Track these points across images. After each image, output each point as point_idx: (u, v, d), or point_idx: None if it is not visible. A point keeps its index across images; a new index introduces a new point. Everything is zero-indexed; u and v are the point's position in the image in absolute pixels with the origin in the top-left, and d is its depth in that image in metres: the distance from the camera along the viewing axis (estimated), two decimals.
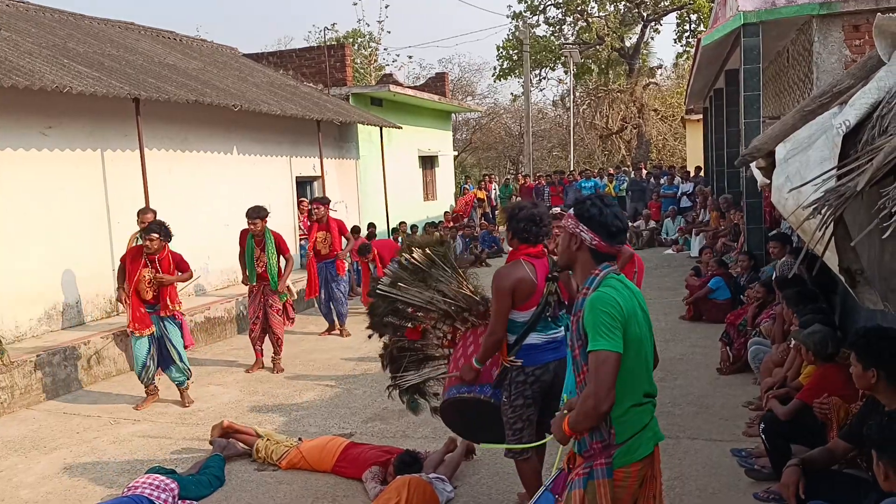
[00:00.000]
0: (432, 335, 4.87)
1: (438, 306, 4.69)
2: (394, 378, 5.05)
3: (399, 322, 4.86)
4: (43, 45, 10.10)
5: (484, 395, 4.26)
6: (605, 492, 2.78)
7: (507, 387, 4.12)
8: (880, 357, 3.55)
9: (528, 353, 4.08)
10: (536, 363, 4.08)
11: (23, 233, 8.50)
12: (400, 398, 5.15)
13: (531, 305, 4.04)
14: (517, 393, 4.08)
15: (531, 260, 4.09)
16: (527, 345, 4.07)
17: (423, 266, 4.78)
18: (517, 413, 4.11)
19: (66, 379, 7.85)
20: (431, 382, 4.99)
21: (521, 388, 4.08)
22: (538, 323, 4.06)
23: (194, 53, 15.49)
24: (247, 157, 12.75)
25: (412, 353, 4.93)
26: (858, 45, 8.00)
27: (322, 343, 9.72)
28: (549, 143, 38.89)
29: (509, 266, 4.10)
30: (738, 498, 4.66)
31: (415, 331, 4.85)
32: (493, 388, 4.21)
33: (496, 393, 4.20)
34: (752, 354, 6.78)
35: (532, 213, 4.13)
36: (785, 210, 3.26)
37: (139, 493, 4.65)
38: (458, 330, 4.67)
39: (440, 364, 4.88)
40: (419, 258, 4.79)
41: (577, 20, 35.27)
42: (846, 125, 2.49)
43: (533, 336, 4.07)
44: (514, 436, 4.13)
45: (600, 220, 2.84)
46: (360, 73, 31.33)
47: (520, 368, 4.07)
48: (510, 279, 4.00)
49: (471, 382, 4.27)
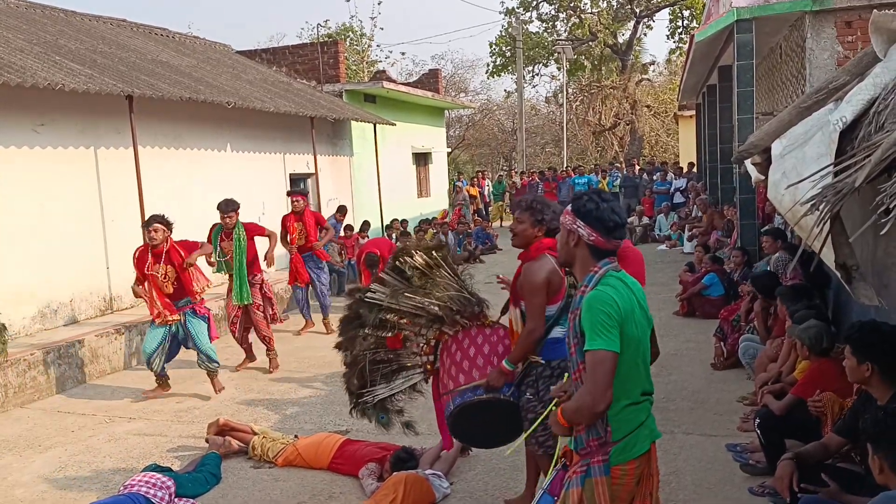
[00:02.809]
0: (413, 343, 4.66)
1: (430, 311, 4.50)
2: (359, 395, 4.73)
3: (380, 333, 4.59)
4: (34, 42, 10.04)
5: (503, 395, 4.17)
6: (602, 489, 2.79)
7: (534, 383, 4.07)
8: (875, 351, 3.56)
9: (553, 347, 4.03)
10: (562, 356, 3.97)
11: (15, 231, 8.46)
12: (367, 417, 4.85)
13: (558, 299, 4.00)
14: (545, 388, 4.01)
15: (553, 253, 3.97)
16: (551, 339, 4.03)
17: (425, 270, 4.56)
18: (547, 409, 4.05)
19: (60, 377, 7.82)
20: (400, 395, 4.73)
21: (548, 381, 4.00)
22: (562, 316, 3.99)
23: (187, 50, 15.44)
24: (240, 155, 12.71)
25: (385, 365, 4.66)
26: (851, 42, 8.02)
27: (315, 340, 9.69)
28: (542, 140, 38.90)
29: (539, 260, 4.00)
30: (733, 492, 4.68)
31: (395, 339, 4.62)
32: (511, 387, 4.14)
33: (515, 392, 4.15)
34: (743, 350, 6.80)
35: (554, 206, 4.10)
36: (781, 206, 3.27)
37: (136, 492, 4.63)
38: (444, 334, 4.51)
39: (413, 374, 4.65)
40: (421, 262, 4.55)
41: (570, 16, 35.30)
42: (843, 121, 2.50)
43: (557, 330, 4.02)
44: (544, 431, 3.97)
45: (597, 216, 2.81)
46: (353, 69, 31.25)
47: (545, 363, 4.04)
48: (543, 273, 3.93)
49: (463, 389, 4.15)
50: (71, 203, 9.21)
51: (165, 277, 7.05)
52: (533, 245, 4.08)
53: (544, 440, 4.10)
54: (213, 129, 11.96)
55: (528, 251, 4.10)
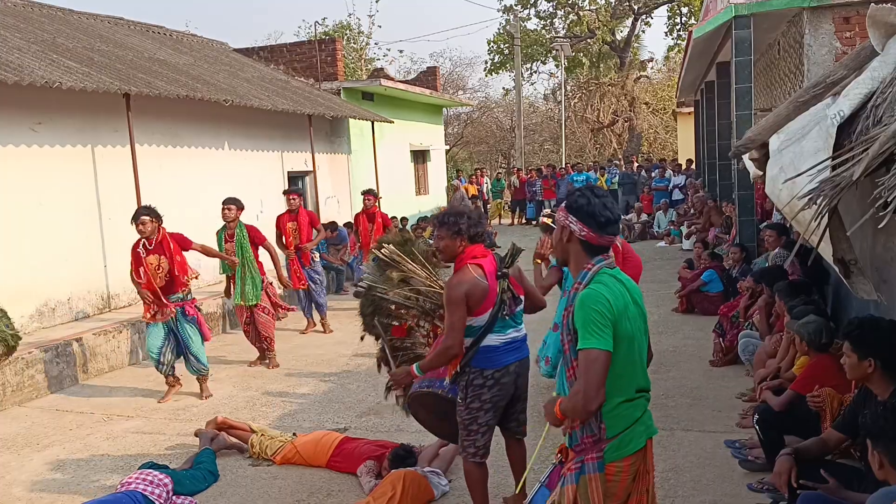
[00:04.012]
0: (417, 332, 4.81)
1: (417, 304, 4.62)
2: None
3: (386, 321, 4.79)
4: (31, 40, 10.02)
5: (441, 390, 4.19)
6: (596, 486, 2.78)
7: (464, 388, 4.00)
8: (876, 347, 3.55)
9: (486, 356, 3.95)
10: (495, 366, 3.96)
11: (13, 229, 8.45)
12: (396, 400, 5.12)
13: (486, 308, 3.90)
14: (473, 396, 3.97)
15: (477, 262, 3.95)
16: (484, 347, 3.94)
17: (391, 262, 4.73)
18: (472, 415, 3.99)
19: (58, 376, 7.81)
20: None
21: (478, 391, 3.96)
22: (495, 324, 3.94)
23: (184, 49, 15.41)
24: (238, 153, 12.70)
25: (403, 353, 4.85)
26: (849, 37, 8.01)
27: (314, 339, 9.69)
28: (540, 137, 38.84)
29: (458, 275, 3.92)
30: (732, 489, 4.67)
31: (400, 329, 4.77)
32: (450, 384, 4.11)
33: (454, 389, 4.09)
34: (742, 347, 6.80)
35: (469, 212, 4.05)
36: (779, 201, 3.26)
37: (133, 489, 4.62)
38: (438, 327, 4.58)
39: None
40: (386, 255, 4.73)
41: (568, 13, 35.27)
42: (840, 115, 2.50)
43: (491, 337, 3.94)
44: (469, 438, 4.03)
45: (588, 210, 2.79)
46: (351, 67, 31.22)
47: (478, 371, 3.95)
48: (461, 288, 3.83)
49: (431, 375, 4.19)
50: (69, 201, 9.19)
51: (159, 269, 7.02)
52: (458, 257, 4.03)
53: (468, 446, 4.08)
54: (211, 128, 11.94)
55: (458, 264, 4.04)
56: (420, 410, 4.55)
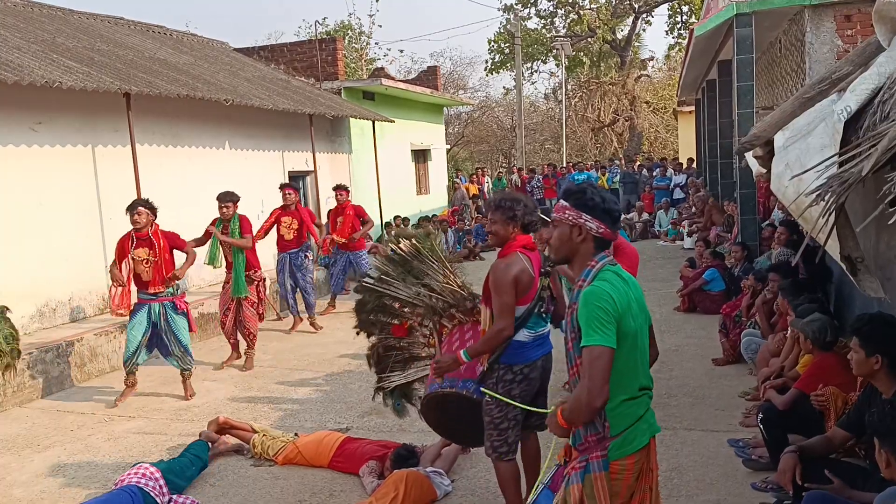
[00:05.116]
0: (418, 332, 4.74)
1: (425, 301, 4.57)
2: (379, 379, 4.95)
3: (386, 319, 4.76)
4: (31, 40, 10.00)
5: (466, 390, 4.14)
6: (602, 485, 2.77)
7: (494, 385, 3.97)
8: (885, 344, 3.53)
9: (517, 351, 3.93)
10: (525, 360, 3.95)
11: (13, 229, 8.43)
12: (384, 401, 5.08)
13: (527, 301, 3.90)
14: (504, 391, 3.94)
15: (527, 252, 3.94)
16: (515, 342, 3.92)
17: (408, 257, 4.70)
18: (503, 412, 3.97)
19: (59, 376, 7.80)
20: (417, 385, 4.87)
21: (508, 385, 3.94)
22: (529, 319, 3.93)
23: (185, 48, 15.39)
24: (238, 152, 12.67)
25: (397, 353, 4.81)
26: (850, 35, 7.98)
27: (315, 338, 9.67)
28: (541, 137, 38.83)
29: (508, 258, 3.90)
30: (736, 488, 4.65)
31: (401, 327, 4.72)
32: (476, 385, 4.08)
33: (479, 390, 4.06)
34: (745, 345, 6.79)
35: (525, 200, 4.05)
36: (785, 198, 3.23)
37: (129, 484, 4.62)
38: (444, 327, 4.53)
39: (426, 365, 4.73)
40: (406, 249, 4.70)
41: (569, 13, 35.24)
42: (847, 111, 2.47)
43: (522, 332, 3.92)
44: (500, 437, 4.00)
45: (604, 207, 2.82)
46: (351, 67, 31.20)
47: (507, 366, 3.93)
48: (511, 271, 3.82)
49: (453, 376, 4.14)
50: (69, 201, 9.17)
51: (146, 263, 7.02)
52: (507, 243, 4.00)
53: (498, 445, 4.04)
54: (212, 127, 11.92)
55: (506, 249, 4.02)
56: (433, 412, 4.44)
